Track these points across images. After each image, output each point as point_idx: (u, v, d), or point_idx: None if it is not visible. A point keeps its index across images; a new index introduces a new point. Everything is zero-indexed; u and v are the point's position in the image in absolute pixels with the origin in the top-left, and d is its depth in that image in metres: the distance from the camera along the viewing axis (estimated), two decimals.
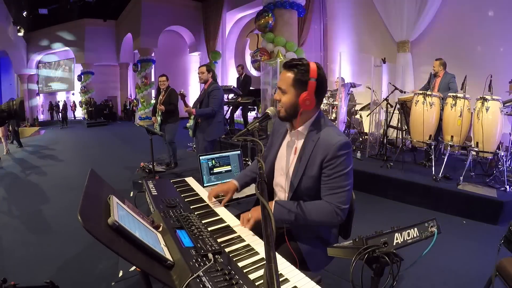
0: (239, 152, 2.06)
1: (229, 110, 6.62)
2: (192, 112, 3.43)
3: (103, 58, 16.30)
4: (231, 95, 6.64)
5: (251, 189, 1.80)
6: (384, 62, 5.00)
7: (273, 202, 1.23)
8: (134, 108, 15.39)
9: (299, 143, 1.27)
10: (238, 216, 1.27)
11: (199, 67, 3.63)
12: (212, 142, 3.60)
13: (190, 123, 3.64)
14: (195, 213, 1.26)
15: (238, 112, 7.13)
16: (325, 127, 1.23)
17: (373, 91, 4.99)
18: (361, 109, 5.96)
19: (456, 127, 3.45)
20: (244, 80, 6.71)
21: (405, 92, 4.75)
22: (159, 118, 4.47)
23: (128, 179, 4.52)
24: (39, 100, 18.35)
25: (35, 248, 2.60)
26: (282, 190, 1.35)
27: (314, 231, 1.30)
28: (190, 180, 1.71)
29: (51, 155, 7.18)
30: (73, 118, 16.93)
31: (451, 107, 3.49)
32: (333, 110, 5.35)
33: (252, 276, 0.85)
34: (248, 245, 1.03)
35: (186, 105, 3.46)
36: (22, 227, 3.05)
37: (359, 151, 4.65)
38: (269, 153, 1.45)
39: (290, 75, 1.18)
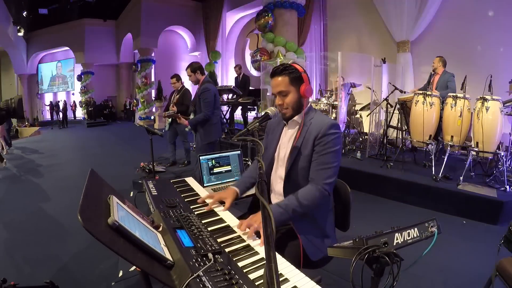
0: (239, 152, 2.06)
1: (229, 110, 6.62)
2: (186, 124, 3.34)
3: (103, 58, 16.30)
4: (231, 95, 6.63)
5: (251, 189, 1.80)
6: (384, 62, 4.99)
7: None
8: (134, 108, 15.39)
9: (296, 131, 1.40)
10: (239, 217, 1.28)
11: (186, 69, 3.41)
12: (209, 144, 3.37)
13: (188, 127, 3.61)
14: (195, 213, 1.26)
15: (238, 112, 7.13)
16: (315, 114, 1.40)
17: (373, 91, 4.99)
18: (361, 109, 5.95)
19: (456, 127, 3.45)
20: (243, 80, 6.70)
21: (405, 92, 4.75)
22: (169, 119, 4.50)
23: (128, 179, 4.51)
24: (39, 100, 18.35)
25: (35, 248, 2.60)
26: (281, 181, 1.41)
27: (310, 219, 1.34)
28: (190, 180, 1.71)
29: (51, 155, 7.18)
30: (73, 118, 16.93)
31: (451, 107, 3.49)
32: (333, 110, 5.34)
33: (252, 276, 0.85)
34: (248, 245, 1.03)
35: (179, 118, 3.38)
36: (22, 227, 3.05)
37: (359, 151, 4.65)
38: (268, 151, 1.50)
39: (285, 78, 1.34)
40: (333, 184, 1.31)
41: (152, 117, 13.11)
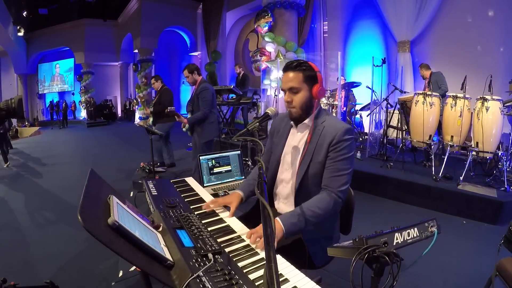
0: (239, 152, 2.06)
1: (228, 110, 6.62)
2: (185, 122, 3.36)
3: (103, 58, 16.30)
4: (231, 95, 6.63)
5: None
6: (384, 62, 5.00)
7: (277, 220, 1.13)
8: (134, 108, 15.39)
9: (306, 135, 1.34)
10: (240, 217, 1.27)
11: (183, 71, 3.46)
12: (207, 143, 3.42)
13: (186, 126, 3.59)
14: (195, 213, 1.26)
15: (238, 112, 7.13)
16: (327, 117, 1.33)
17: (373, 91, 4.99)
18: (361, 109, 5.96)
19: (456, 127, 3.45)
20: (242, 78, 6.71)
21: (405, 92, 4.75)
22: (150, 119, 4.48)
23: (128, 179, 4.51)
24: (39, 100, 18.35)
25: (35, 248, 2.60)
26: (286, 185, 1.37)
27: (317, 226, 1.30)
28: (190, 180, 1.71)
29: (51, 155, 7.17)
30: (73, 118, 16.92)
31: (451, 107, 3.49)
32: (333, 110, 5.35)
33: (252, 276, 0.85)
34: (248, 245, 1.03)
35: (178, 116, 3.37)
36: (22, 227, 3.05)
37: (359, 151, 4.65)
38: (273, 153, 1.46)
39: (298, 74, 1.27)
40: (347, 191, 1.26)
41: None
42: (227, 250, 0.98)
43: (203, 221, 1.17)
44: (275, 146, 1.45)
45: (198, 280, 0.77)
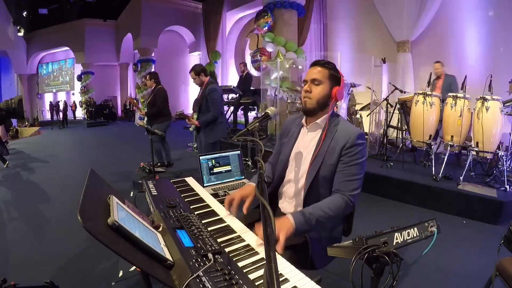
0: (239, 152, 2.06)
1: (229, 110, 6.63)
2: (197, 124, 3.37)
3: (103, 58, 16.31)
4: (231, 95, 6.64)
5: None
6: (384, 62, 5.00)
7: (288, 216, 1.14)
8: (134, 108, 15.38)
9: (317, 135, 1.35)
10: (241, 218, 1.27)
11: (189, 72, 3.45)
12: (214, 143, 3.46)
13: (193, 126, 3.59)
14: (195, 213, 1.26)
15: (240, 112, 7.14)
16: (340, 120, 1.35)
17: (373, 91, 4.99)
18: (361, 109, 5.95)
19: (456, 127, 3.45)
20: (246, 78, 6.72)
21: (405, 92, 4.75)
22: (145, 120, 4.41)
23: (128, 179, 4.51)
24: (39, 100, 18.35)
25: (35, 248, 2.60)
26: (294, 185, 1.37)
27: (321, 229, 1.31)
28: (190, 180, 1.71)
29: (51, 155, 7.17)
30: (73, 118, 16.93)
31: (451, 107, 3.49)
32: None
33: (252, 276, 0.84)
34: (248, 245, 1.03)
35: (189, 119, 3.37)
36: (22, 227, 3.05)
37: None
38: (282, 152, 1.46)
39: (325, 70, 1.32)
40: (358, 195, 1.27)
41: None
42: (227, 250, 0.98)
43: (203, 221, 1.17)
44: (285, 146, 1.45)
45: (198, 280, 0.77)
